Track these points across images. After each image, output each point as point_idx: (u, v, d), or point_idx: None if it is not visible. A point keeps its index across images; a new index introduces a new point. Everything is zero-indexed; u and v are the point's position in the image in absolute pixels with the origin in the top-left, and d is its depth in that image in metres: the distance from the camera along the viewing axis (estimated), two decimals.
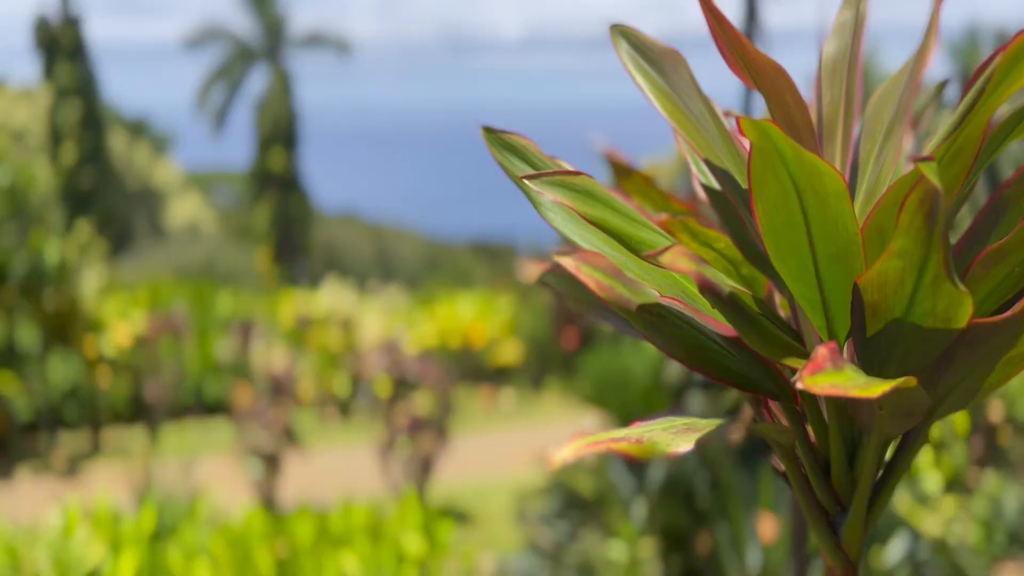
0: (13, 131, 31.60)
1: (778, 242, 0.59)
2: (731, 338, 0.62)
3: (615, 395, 4.15)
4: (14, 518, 6.40)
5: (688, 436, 0.60)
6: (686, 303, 0.63)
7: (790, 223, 0.58)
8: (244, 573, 3.99)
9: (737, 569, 3.50)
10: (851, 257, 0.59)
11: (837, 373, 0.51)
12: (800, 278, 0.61)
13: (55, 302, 8.82)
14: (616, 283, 0.62)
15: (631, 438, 0.59)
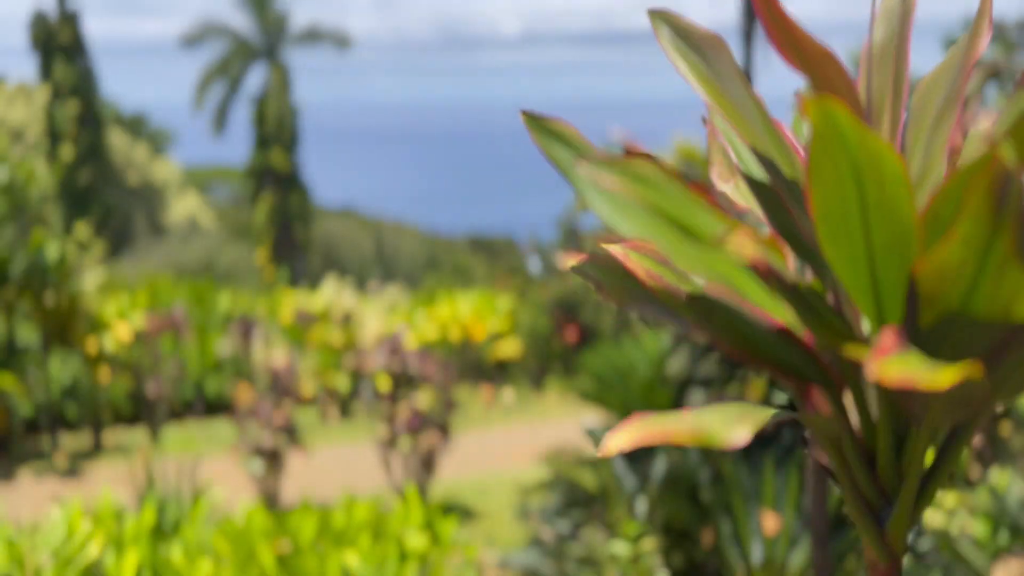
0: (11, 129, 31.56)
1: (832, 227, 0.58)
2: (778, 328, 0.61)
3: (617, 391, 4.14)
4: (16, 517, 6.40)
5: (743, 424, 0.58)
6: (733, 293, 0.61)
7: (846, 208, 0.56)
8: (246, 570, 3.99)
9: (740, 563, 3.51)
10: (907, 244, 0.57)
11: (905, 360, 0.50)
12: (852, 265, 0.59)
13: (55, 301, 8.81)
14: (665, 271, 0.60)
15: (686, 426, 0.57)
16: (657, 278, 0.57)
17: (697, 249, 0.62)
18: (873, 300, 0.60)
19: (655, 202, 0.62)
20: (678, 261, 0.61)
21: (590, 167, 0.62)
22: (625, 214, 0.62)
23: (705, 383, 3.91)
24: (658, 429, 0.56)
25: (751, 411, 0.61)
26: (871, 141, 0.53)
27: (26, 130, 32.63)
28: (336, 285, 12.32)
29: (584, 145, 0.65)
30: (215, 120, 28.64)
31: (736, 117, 0.66)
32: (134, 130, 42.78)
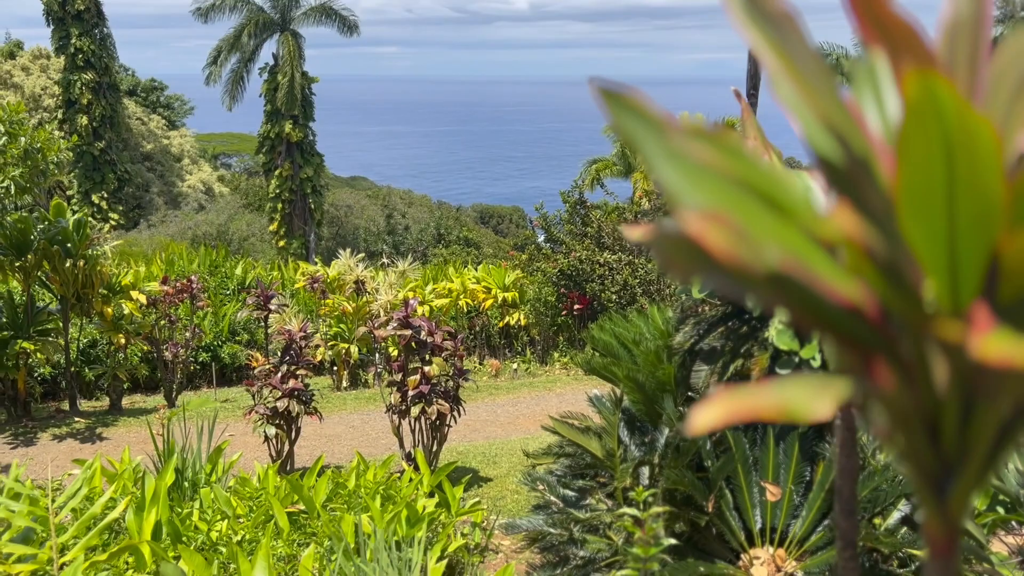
0: (27, 96, 31.65)
1: (915, 202, 0.57)
2: (847, 302, 0.61)
3: (623, 363, 4.21)
4: (37, 477, 6.57)
5: (826, 397, 0.58)
6: (805, 266, 0.62)
7: (932, 183, 0.57)
8: (262, 528, 4.12)
9: (741, 531, 3.60)
10: (992, 221, 0.57)
11: (1006, 338, 0.51)
12: (931, 240, 0.59)
13: (74, 268, 8.95)
14: (741, 246, 0.60)
15: (771, 401, 0.56)
16: (733, 252, 0.59)
17: (778, 222, 0.62)
18: (950, 276, 0.60)
19: (743, 174, 0.61)
20: (758, 234, 0.60)
21: (682, 138, 0.61)
22: (703, 186, 0.62)
23: (710, 355, 3.97)
24: (745, 405, 0.55)
25: (831, 384, 0.60)
26: (970, 117, 0.52)
27: (42, 98, 32.73)
28: (348, 256, 12.42)
29: (660, 117, 0.64)
30: (229, 91, 28.61)
31: (809, 89, 0.66)
32: (150, 100, 42.82)
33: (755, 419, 0.55)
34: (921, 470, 0.65)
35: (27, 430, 8.73)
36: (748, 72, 15.86)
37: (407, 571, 3.02)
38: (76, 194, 31.20)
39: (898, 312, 0.62)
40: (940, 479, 0.65)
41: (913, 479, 0.66)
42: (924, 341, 0.62)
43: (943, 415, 0.64)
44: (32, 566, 2.91)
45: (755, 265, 0.58)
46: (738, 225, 0.58)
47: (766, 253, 0.59)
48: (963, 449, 0.64)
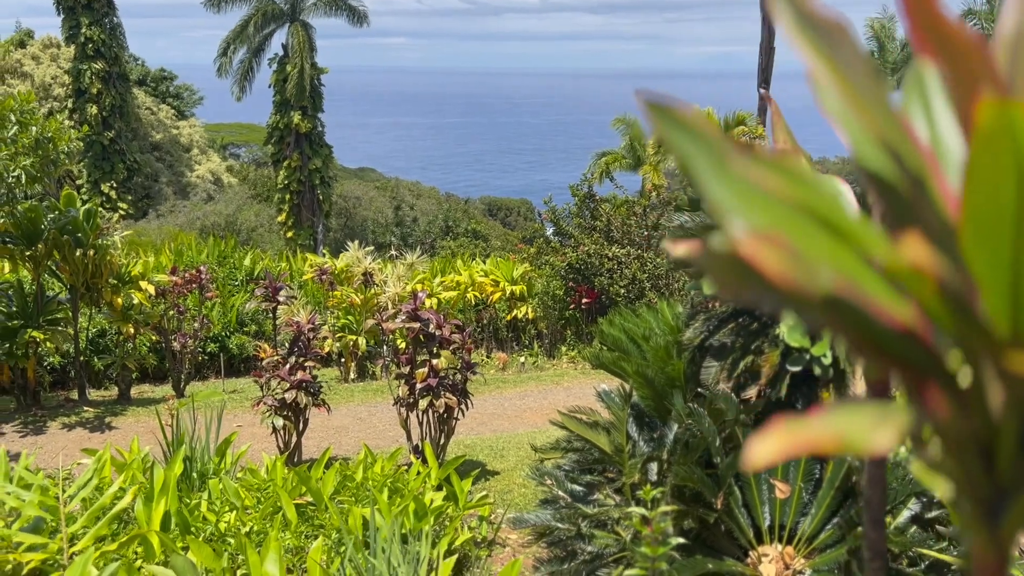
0: (37, 85, 31.72)
1: (982, 229, 0.57)
2: (902, 326, 0.60)
3: (633, 358, 4.20)
4: (46, 466, 6.60)
5: (886, 429, 0.57)
6: (860, 290, 0.61)
7: (1001, 210, 0.56)
8: (270, 521, 4.13)
9: (750, 528, 3.59)
10: None
11: None
12: (997, 268, 0.58)
13: (83, 257, 8.97)
14: (795, 267, 0.59)
15: (830, 433, 0.55)
16: (788, 274, 0.58)
17: (834, 245, 0.61)
18: (1013, 304, 0.59)
19: (803, 198, 0.60)
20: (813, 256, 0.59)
21: (739, 160, 0.60)
22: (757, 206, 0.61)
23: (720, 351, 3.96)
24: (802, 437, 0.54)
25: (891, 414, 0.60)
26: None
27: (52, 87, 32.80)
28: (357, 248, 12.43)
29: (711, 133, 0.63)
30: (239, 81, 28.62)
31: (860, 102, 0.65)
32: (160, 89, 42.87)
33: (813, 452, 0.54)
34: (974, 496, 0.65)
35: (36, 419, 8.77)
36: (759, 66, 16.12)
37: (416, 565, 3.02)
38: (85, 183, 31.29)
39: (956, 338, 0.61)
40: (993, 505, 0.64)
41: (965, 505, 0.66)
42: (981, 367, 0.62)
43: (999, 441, 0.63)
44: (42, 555, 2.92)
45: (809, 287, 0.57)
46: (793, 246, 0.58)
47: (821, 275, 0.59)
48: (1019, 475, 0.64)
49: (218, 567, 2.98)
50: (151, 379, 11.58)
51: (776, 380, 3.81)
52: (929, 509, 3.55)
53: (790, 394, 3.82)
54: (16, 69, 33.06)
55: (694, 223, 4.09)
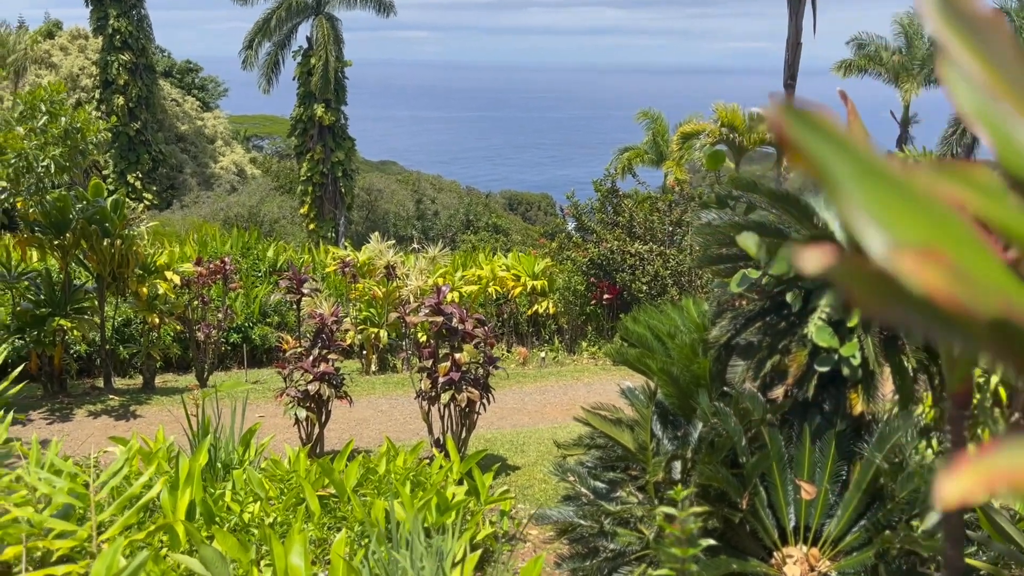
0: (65, 76, 32.06)
1: None
2: None
3: (658, 356, 4.17)
4: (73, 453, 6.69)
5: None
6: None
7: None
8: (293, 511, 4.15)
9: (775, 528, 3.56)
10: None
11: None
12: None
13: (110, 247, 9.06)
14: (960, 287, 0.56)
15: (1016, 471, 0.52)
16: (951, 293, 0.55)
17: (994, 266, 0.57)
18: None
19: (997, 215, 0.57)
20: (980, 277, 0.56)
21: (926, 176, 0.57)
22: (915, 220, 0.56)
23: (746, 350, 3.92)
24: (1002, 473, 0.50)
25: None
26: None
27: (80, 78, 33.14)
28: (379, 241, 12.46)
29: (857, 141, 0.59)
30: (265, 74, 28.77)
31: (1017, 99, 0.61)
32: (185, 81, 43.20)
33: (1015, 490, 0.50)
34: None
35: (63, 406, 8.88)
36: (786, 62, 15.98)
37: (439, 559, 3.02)
38: (112, 174, 31.61)
39: None
40: None
41: None
42: None
43: None
44: (72, 543, 2.95)
45: (975, 309, 0.54)
46: (957, 264, 0.54)
47: (989, 297, 0.55)
48: None
49: (245, 559, 3.00)
50: (175, 368, 11.69)
51: (803, 380, 3.77)
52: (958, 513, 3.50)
53: (817, 394, 3.79)
54: (44, 59, 33.43)
55: (722, 220, 4.06)
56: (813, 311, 3.68)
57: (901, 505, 3.42)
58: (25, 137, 7.77)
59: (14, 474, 3.31)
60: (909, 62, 25.10)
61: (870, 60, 25.32)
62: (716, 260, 4.16)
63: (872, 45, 25.57)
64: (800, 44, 21.81)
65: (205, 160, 37.12)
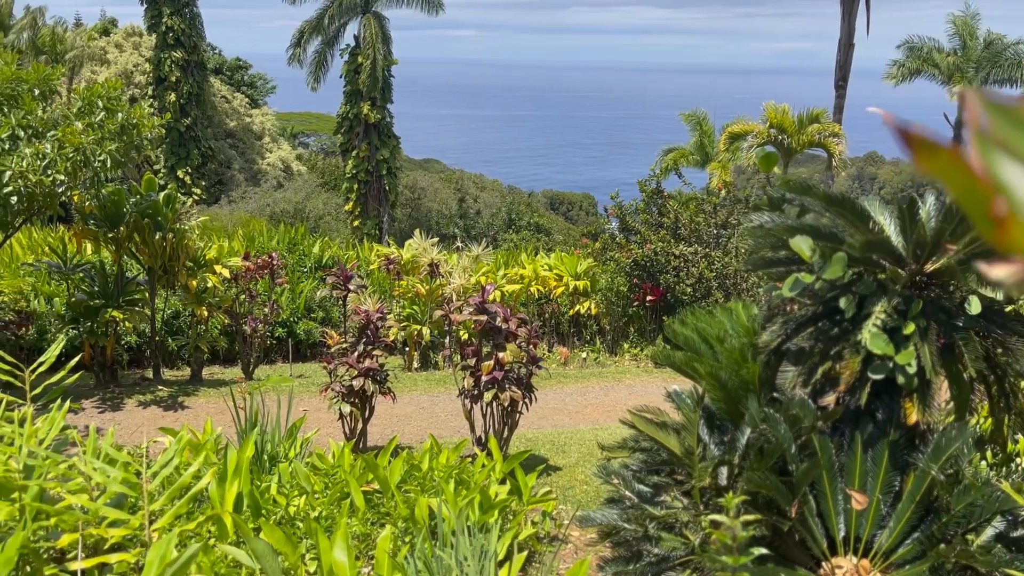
0: (119, 72, 32.82)
1: None
2: None
3: (706, 360, 4.12)
4: (124, 443, 6.84)
5: None
6: None
7: None
8: (338, 506, 4.19)
9: (823, 538, 3.49)
10: None
11: None
12: None
13: (163, 241, 9.25)
14: None
15: None
16: None
17: None
18: None
19: None
20: None
21: None
22: None
23: (798, 356, 3.85)
24: None
25: None
26: None
27: (134, 74, 33.90)
28: (423, 239, 12.53)
29: None
30: (313, 72, 29.12)
31: None
32: (235, 78, 43.93)
33: None
34: None
35: (114, 395, 9.09)
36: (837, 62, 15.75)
37: (483, 559, 3.02)
38: (162, 169, 32.28)
39: None
40: None
41: None
42: None
43: None
44: (124, 531, 3.01)
45: None
46: None
47: None
48: None
49: (292, 554, 3.03)
50: (221, 361, 11.88)
51: (856, 387, 3.69)
52: (1015, 528, 3.40)
53: (870, 402, 3.70)
54: (100, 56, 34.25)
55: (774, 223, 3.99)
56: (867, 317, 3.60)
57: (956, 518, 3.33)
58: (83, 132, 7.96)
59: (70, 462, 3.39)
60: (964, 63, 24.48)
61: (923, 62, 24.76)
62: (767, 263, 4.09)
63: (925, 47, 25.00)
64: (852, 45, 21.41)
65: (252, 156, 37.70)
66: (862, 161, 64.76)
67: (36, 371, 3.60)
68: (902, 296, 3.54)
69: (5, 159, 7.71)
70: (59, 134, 7.92)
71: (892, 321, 3.52)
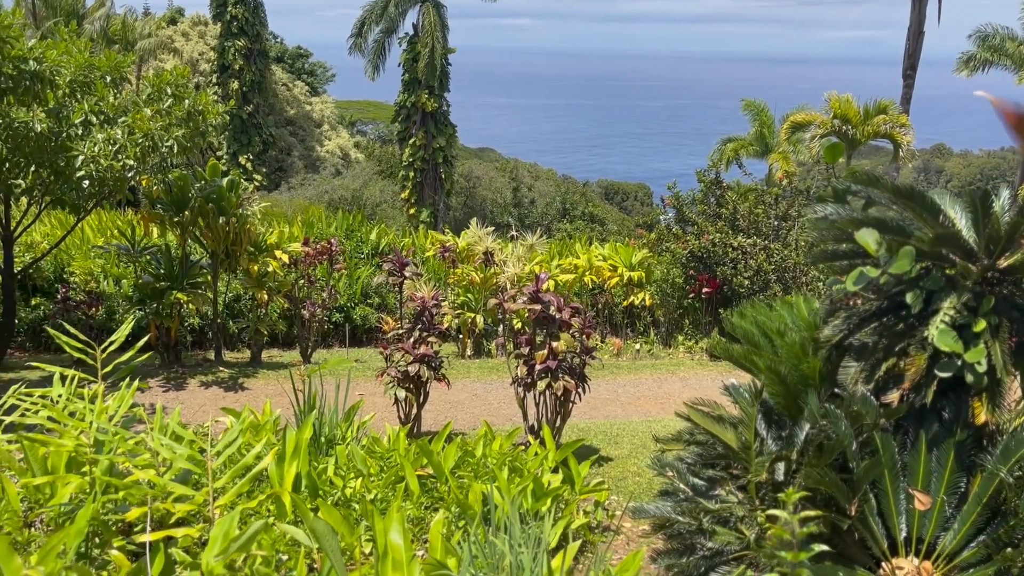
0: (186, 61, 33.60)
1: None
2: None
3: (764, 354, 4.06)
4: (187, 421, 7.04)
5: None
6: None
7: None
8: (393, 489, 4.25)
9: (884, 538, 3.42)
10: None
11: None
12: None
13: (226, 226, 9.46)
14: None
15: None
16: None
17: None
18: None
19: None
20: None
21: None
22: None
23: (860, 351, 3.77)
24: None
25: None
26: None
27: (199, 62, 34.69)
28: (478, 227, 12.58)
29: None
30: (372, 60, 29.39)
31: None
32: (295, 67, 44.63)
33: None
34: None
35: (178, 375, 9.36)
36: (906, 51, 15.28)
37: (536, 547, 3.03)
38: (225, 155, 33.02)
39: None
40: None
41: None
42: None
43: None
44: (189, 507, 3.10)
45: None
46: None
47: None
48: None
49: (351, 536, 3.09)
50: (280, 344, 12.14)
51: (921, 385, 3.59)
52: None
53: (936, 401, 3.60)
54: (168, 45, 35.12)
55: (839, 216, 3.90)
56: (935, 313, 3.49)
57: None
58: (151, 118, 8.18)
59: (138, 438, 3.50)
60: None
61: (995, 52, 23.84)
62: (830, 256, 4.00)
63: (997, 36, 24.06)
64: (922, 33, 20.74)
65: (312, 143, 38.29)
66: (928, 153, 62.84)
67: (107, 350, 3.72)
68: (972, 292, 3.43)
69: (78, 144, 7.98)
70: (129, 120, 8.16)
71: (961, 318, 3.42)
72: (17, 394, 3.74)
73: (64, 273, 11.82)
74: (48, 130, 7.93)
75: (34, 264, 10.64)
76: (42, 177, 8.46)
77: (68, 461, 3.52)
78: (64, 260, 12.06)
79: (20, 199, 9.24)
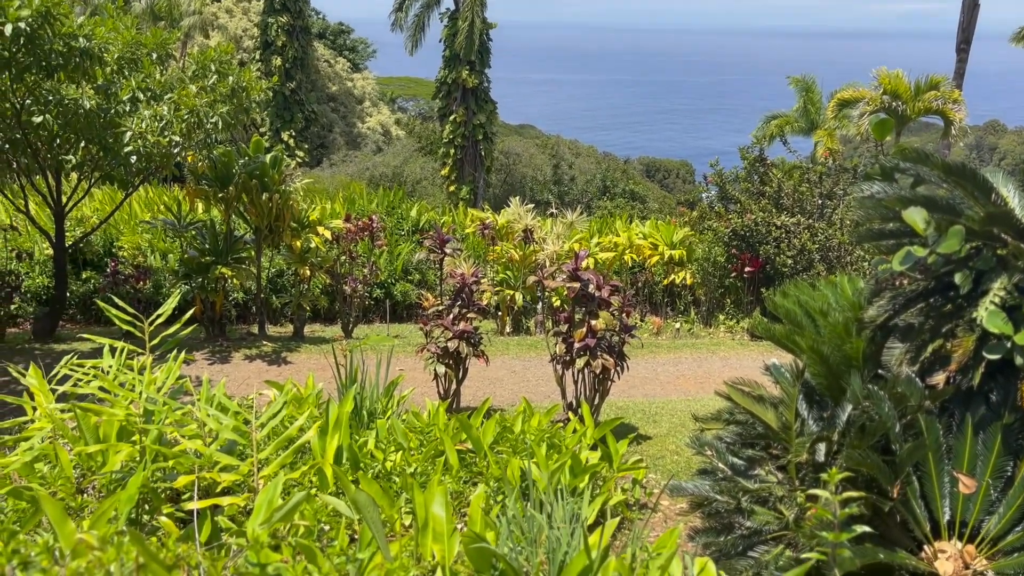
0: (230, 37, 33.92)
1: None
2: None
3: (807, 334, 4.01)
4: (232, 394, 7.18)
5: None
6: None
7: None
8: (432, 463, 4.30)
9: (927, 521, 3.38)
10: None
11: None
12: None
13: (269, 202, 9.58)
14: None
15: None
16: None
17: None
18: None
19: None
20: None
21: None
22: None
23: (906, 332, 3.70)
24: None
25: None
26: None
27: (243, 39, 34.99)
28: (518, 205, 12.57)
29: None
30: (412, 35, 29.37)
31: None
32: (337, 43, 44.78)
33: None
34: None
35: (222, 349, 9.55)
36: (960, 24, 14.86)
37: (574, 522, 3.05)
38: (267, 131, 33.35)
39: None
40: None
41: None
42: None
43: None
44: (235, 476, 3.18)
45: None
46: None
47: None
48: None
49: (392, 508, 3.14)
50: (322, 319, 12.30)
51: (969, 367, 3.52)
52: None
53: (983, 383, 3.53)
54: (212, 22, 35.49)
55: (886, 194, 3.82)
56: (984, 294, 3.41)
57: None
58: (196, 95, 8.29)
59: (186, 409, 3.59)
60: None
61: None
62: (877, 236, 3.93)
63: None
64: (977, 5, 20.06)
65: (353, 120, 38.49)
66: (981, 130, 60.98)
67: (154, 323, 3.81)
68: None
69: (126, 120, 8.12)
70: (175, 97, 8.28)
71: (1012, 299, 3.34)
72: (70, 365, 3.86)
73: (113, 247, 12.10)
74: (97, 106, 8.09)
75: (84, 238, 10.90)
76: (91, 153, 8.64)
77: (119, 430, 3.62)
78: (113, 235, 12.34)
79: (71, 174, 9.46)
